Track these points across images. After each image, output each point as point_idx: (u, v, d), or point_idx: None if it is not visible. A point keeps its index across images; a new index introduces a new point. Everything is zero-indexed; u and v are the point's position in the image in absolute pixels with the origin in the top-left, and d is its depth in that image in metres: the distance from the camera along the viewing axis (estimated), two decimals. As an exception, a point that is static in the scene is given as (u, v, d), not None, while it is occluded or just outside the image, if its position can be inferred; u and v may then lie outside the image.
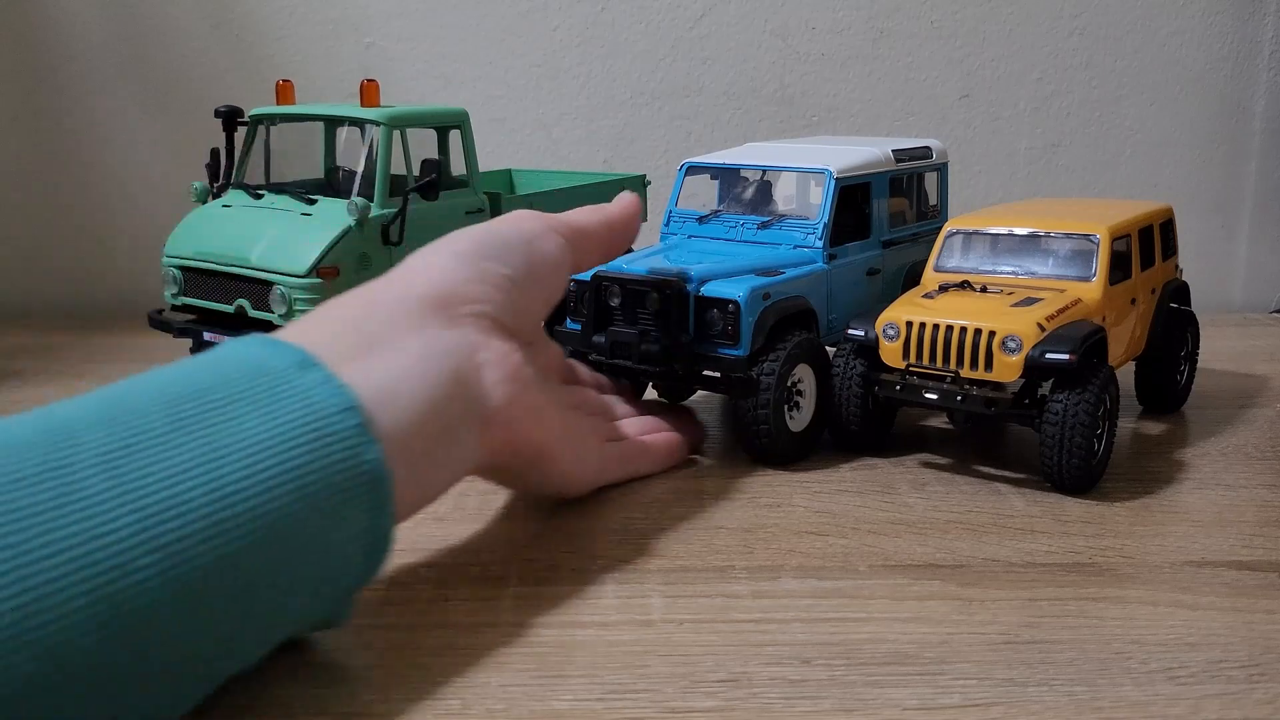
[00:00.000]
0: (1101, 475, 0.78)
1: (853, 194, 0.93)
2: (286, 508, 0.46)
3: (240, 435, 0.46)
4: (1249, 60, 1.43)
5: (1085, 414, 0.74)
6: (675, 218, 0.97)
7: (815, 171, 0.92)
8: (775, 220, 0.92)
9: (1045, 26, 1.42)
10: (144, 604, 0.40)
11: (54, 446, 0.42)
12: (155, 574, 0.41)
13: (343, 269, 0.88)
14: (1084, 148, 1.45)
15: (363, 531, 0.50)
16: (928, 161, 1.04)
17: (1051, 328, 0.76)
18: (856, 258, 0.93)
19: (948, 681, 0.53)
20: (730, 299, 0.80)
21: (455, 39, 1.41)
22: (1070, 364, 0.73)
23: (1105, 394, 0.76)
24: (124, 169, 1.43)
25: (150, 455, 0.43)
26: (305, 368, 0.50)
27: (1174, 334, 0.95)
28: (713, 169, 0.98)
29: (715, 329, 0.81)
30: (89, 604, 0.39)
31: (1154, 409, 0.97)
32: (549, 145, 1.44)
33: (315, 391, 0.49)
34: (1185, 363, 0.98)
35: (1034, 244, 0.85)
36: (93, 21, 1.39)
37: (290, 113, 0.99)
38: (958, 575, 0.64)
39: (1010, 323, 0.76)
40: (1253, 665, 0.54)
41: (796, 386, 0.83)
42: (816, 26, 1.41)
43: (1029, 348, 0.74)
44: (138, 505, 0.41)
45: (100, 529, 0.40)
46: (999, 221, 0.87)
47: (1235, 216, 1.48)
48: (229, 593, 0.44)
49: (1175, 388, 0.97)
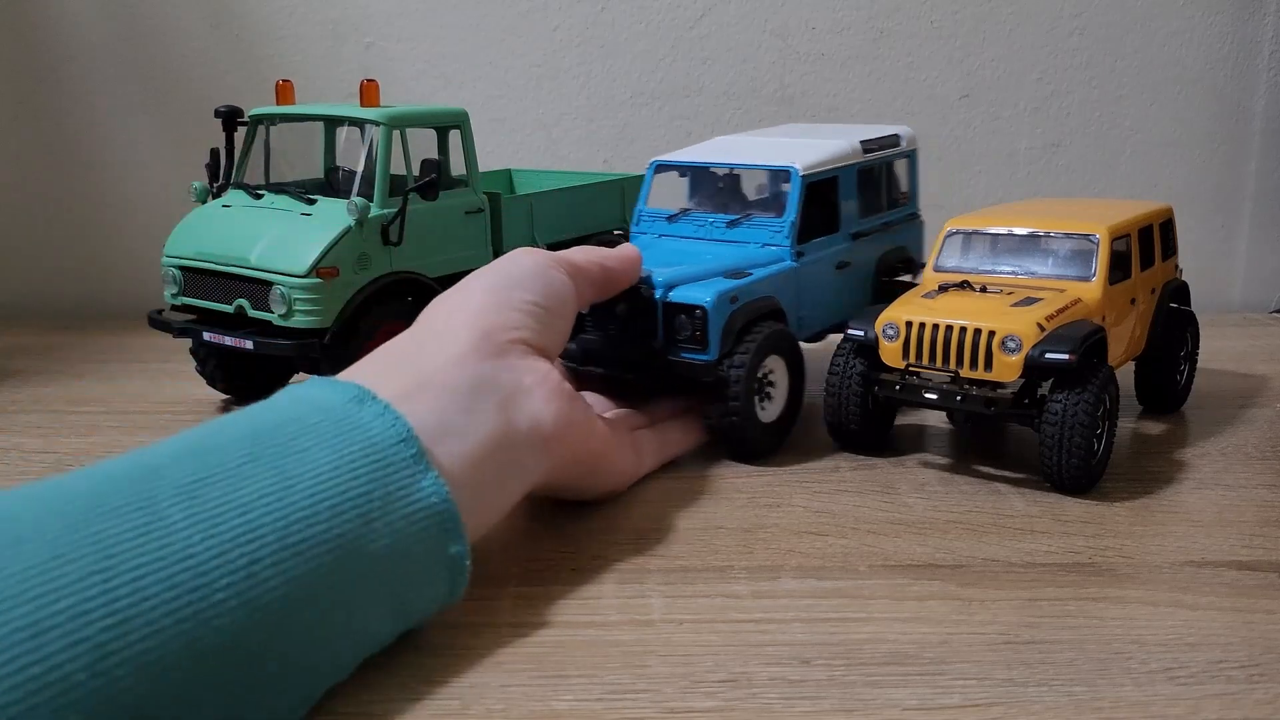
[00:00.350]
0: (1101, 475, 0.78)
1: (820, 189, 0.93)
2: (351, 533, 0.49)
3: (307, 466, 0.50)
4: (1249, 60, 1.42)
5: (1085, 414, 0.74)
6: (645, 217, 0.97)
7: (781, 169, 0.92)
8: (743, 218, 0.93)
9: (1045, 26, 1.42)
10: (226, 624, 0.43)
11: (140, 480, 0.46)
12: (233, 595, 0.44)
13: (342, 269, 0.88)
14: (1084, 148, 1.45)
15: (436, 555, 0.53)
16: (897, 149, 1.03)
17: (1051, 327, 0.76)
18: (825, 253, 0.94)
19: (948, 681, 0.53)
20: (697, 304, 0.80)
21: (455, 39, 1.41)
22: (1070, 364, 0.73)
23: (1105, 394, 0.76)
24: (124, 169, 1.43)
25: (225, 486, 0.47)
26: (362, 402, 0.54)
27: (1174, 334, 0.95)
28: (681, 166, 0.99)
29: (683, 334, 0.81)
30: (175, 622, 0.42)
31: (1154, 409, 0.97)
32: (549, 145, 1.44)
33: (373, 424, 0.53)
34: (1185, 363, 0.98)
35: (1034, 244, 0.85)
36: (92, 21, 1.39)
37: (290, 113, 0.99)
38: (958, 575, 0.64)
39: (1010, 322, 0.76)
40: (1253, 665, 0.54)
41: (768, 378, 0.84)
42: (816, 26, 1.41)
43: (1029, 347, 0.74)
44: (214, 531, 0.45)
45: (181, 554, 0.43)
46: (999, 221, 0.87)
47: (1235, 216, 1.47)
48: (304, 612, 0.46)
49: (1175, 388, 0.97)
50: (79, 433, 0.93)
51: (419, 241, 0.94)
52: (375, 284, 0.90)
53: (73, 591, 0.40)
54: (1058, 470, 0.75)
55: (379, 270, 0.91)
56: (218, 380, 1.00)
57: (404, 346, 0.64)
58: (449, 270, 0.97)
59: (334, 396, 0.54)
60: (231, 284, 0.91)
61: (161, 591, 0.42)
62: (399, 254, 0.92)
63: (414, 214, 0.93)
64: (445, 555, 0.53)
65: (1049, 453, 0.75)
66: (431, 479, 0.53)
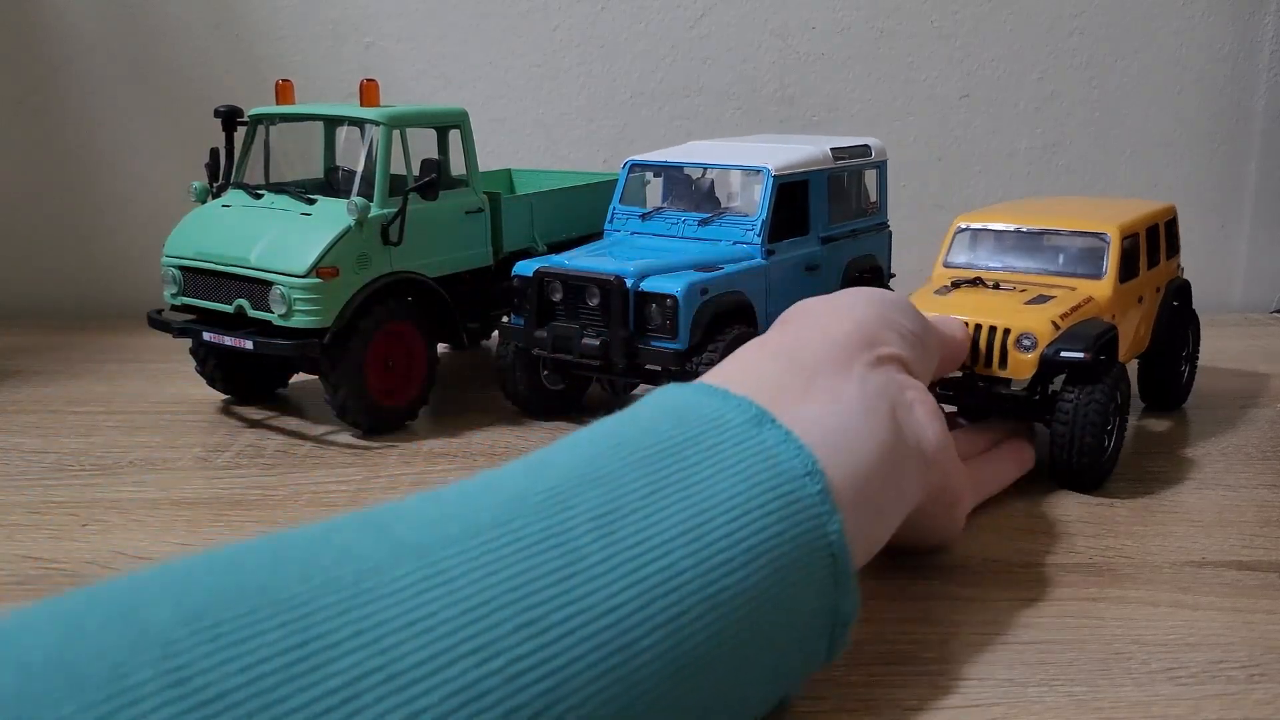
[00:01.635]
0: (1111, 472, 0.79)
1: (791, 191, 0.96)
2: (763, 580, 0.43)
3: (717, 498, 0.44)
4: (1249, 60, 1.42)
5: (1097, 411, 0.74)
6: (619, 214, 1.00)
7: (754, 169, 0.94)
8: (715, 217, 0.95)
9: (1045, 26, 1.42)
10: (647, 687, 0.38)
11: (548, 509, 0.40)
12: (656, 656, 0.38)
13: (342, 269, 0.88)
14: (1084, 148, 1.45)
15: (825, 610, 0.46)
16: (867, 159, 1.06)
17: (1065, 326, 0.77)
18: (795, 254, 0.96)
19: (948, 682, 0.53)
20: (669, 294, 0.83)
21: (455, 39, 1.41)
22: (1086, 362, 0.74)
23: (1117, 391, 0.77)
24: (124, 169, 1.42)
25: (639, 520, 0.41)
26: (761, 423, 0.48)
27: (1177, 332, 0.95)
28: (654, 166, 1.01)
29: (654, 323, 0.84)
30: (602, 688, 0.37)
31: (1157, 406, 0.98)
32: (549, 145, 1.44)
33: (779, 452, 0.47)
34: (1187, 362, 0.98)
35: (1044, 242, 0.86)
36: (92, 21, 1.39)
37: (290, 113, 0.99)
38: (958, 575, 0.64)
39: (1025, 320, 0.76)
40: (1253, 665, 0.54)
41: None
42: (816, 26, 1.41)
43: (1044, 345, 0.75)
44: (636, 577, 0.39)
45: (605, 605, 0.38)
46: (1008, 218, 0.88)
47: (1235, 216, 1.47)
48: (716, 672, 0.41)
49: (1178, 385, 0.97)
50: (78, 433, 0.93)
51: (419, 241, 0.94)
52: (375, 284, 0.90)
53: (506, 649, 0.35)
54: (1068, 467, 0.76)
55: (379, 270, 0.91)
56: (217, 380, 1.00)
57: (782, 349, 0.57)
58: (449, 270, 0.97)
59: (730, 413, 0.48)
60: (231, 284, 0.91)
61: (589, 652, 0.36)
62: (399, 254, 0.92)
63: (414, 214, 0.93)
64: (835, 610, 0.47)
65: (1060, 449, 0.75)
66: (837, 523, 0.46)
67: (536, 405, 0.96)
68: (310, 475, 0.83)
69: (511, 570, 0.37)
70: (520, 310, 0.90)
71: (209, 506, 0.76)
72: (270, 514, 0.75)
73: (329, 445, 0.90)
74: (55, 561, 0.67)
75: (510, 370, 0.94)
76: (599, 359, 0.85)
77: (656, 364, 0.85)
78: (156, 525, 0.73)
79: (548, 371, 0.93)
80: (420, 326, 0.95)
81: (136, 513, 0.75)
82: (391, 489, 0.80)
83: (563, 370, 0.93)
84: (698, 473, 0.44)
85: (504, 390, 0.96)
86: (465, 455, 0.87)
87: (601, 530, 0.40)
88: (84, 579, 0.65)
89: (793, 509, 0.45)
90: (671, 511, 0.42)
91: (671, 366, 0.84)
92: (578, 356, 0.86)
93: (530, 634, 0.36)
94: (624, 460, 0.44)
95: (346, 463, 0.86)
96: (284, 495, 0.79)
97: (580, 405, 0.99)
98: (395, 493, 0.79)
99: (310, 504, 0.77)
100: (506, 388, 0.95)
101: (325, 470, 0.84)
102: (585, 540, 0.39)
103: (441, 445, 0.90)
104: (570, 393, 0.97)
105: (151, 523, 0.73)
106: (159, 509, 0.76)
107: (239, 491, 0.79)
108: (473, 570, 0.37)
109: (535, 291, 0.88)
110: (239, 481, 0.81)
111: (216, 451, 0.88)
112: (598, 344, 0.84)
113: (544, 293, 0.88)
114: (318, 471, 0.83)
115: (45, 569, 0.66)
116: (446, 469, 0.84)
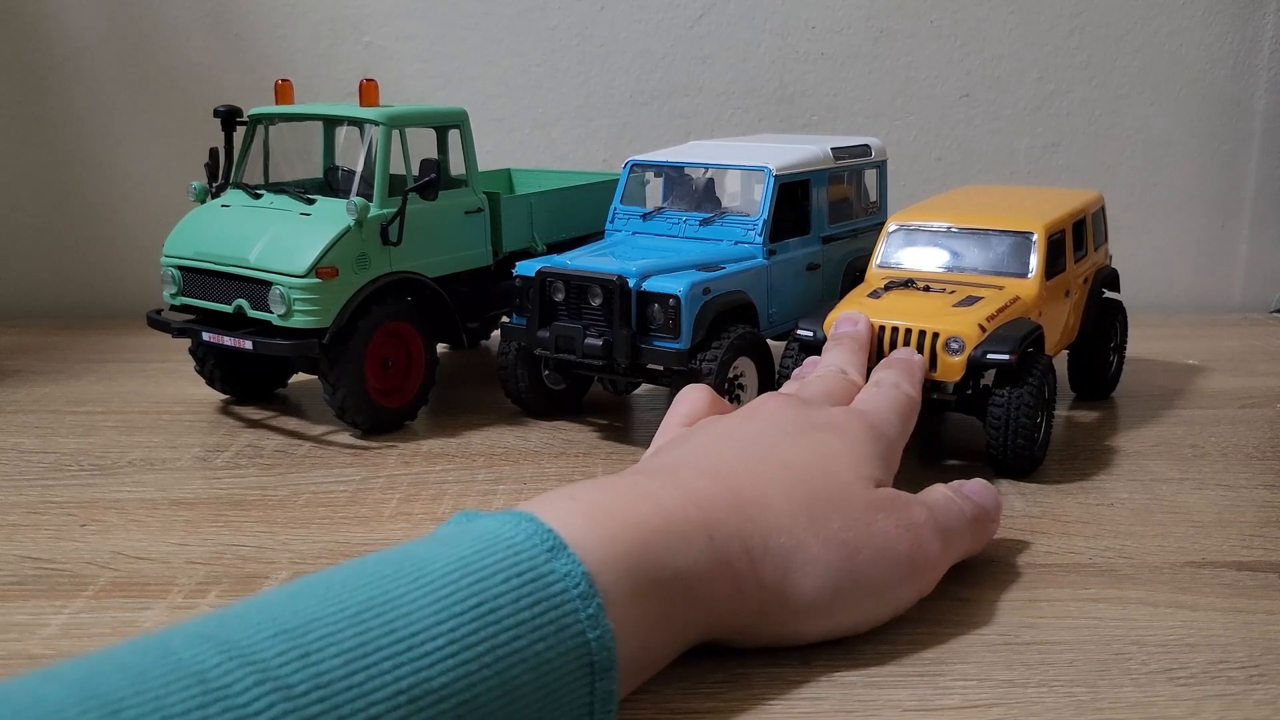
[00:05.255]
0: (1043, 459, 0.82)
1: (792, 191, 0.96)
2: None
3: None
4: (1249, 60, 1.42)
5: (1027, 406, 0.77)
6: (620, 214, 1.00)
7: (755, 169, 0.94)
8: (716, 217, 0.95)
9: (1045, 26, 1.42)
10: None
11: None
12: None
13: (342, 269, 0.88)
14: (1084, 148, 1.45)
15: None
16: (867, 159, 1.07)
17: (992, 328, 0.78)
18: (796, 253, 0.96)
19: (948, 682, 0.53)
20: (671, 293, 0.83)
21: (455, 39, 1.41)
22: (1011, 364, 0.76)
23: (1044, 387, 0.79)
24: (123, 169, 1.42)
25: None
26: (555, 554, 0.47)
27: (1104, 322, 0.98)
28: (656, 166, 1.01)
29: (656, 323, 0.84)
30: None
31: (1087, 396, 1.01)
32: (548, 145, 1.44)
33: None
34: (1115, 352, 1.01)
35: (972, 240, 0.87)
36: (91, 21, 1.39)
37: (289, 112, 0.99)
38: (958, 575, 0.64)
39: (952, 324, 0.78)
40: (1253, 666, 0.54)
41: (739, 380, 0.86)
42: (816, 26, 1.41)
43: (971, 348, 0.77)
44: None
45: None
46: (938, 216, 0.89)
47: (1235, 216, 1.47)
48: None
49: (1106, 375, 1.01)
50: (77, 433, 0.93)
51: (418, 241, 0.94)
52: (374, 284, 0.90)
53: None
54: (1003, 457, 0.79)
55: (378, 270, 0.91)
56: (216, 380, 1.00)
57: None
58: (448, 270, 0.97)
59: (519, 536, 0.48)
60: (231, 284, 0.91)
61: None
62: (398, 254, 0.92)
63: (413, 214, 0.92)
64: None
65: (995, 446, 0.78)
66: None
67: (537, 405, 0.96)
68: (309, 475, 0.83)
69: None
70: (522, 310, 0.90)
71: (208, 506, 0.76)
72: (269, 514, 0.75)
73: (328, 445, 0.90)
74: (54, 561, 0.67)
75: (511, 370, 0.94)
76: (602, 359, 0.85)
77: (659, 363, 0.85)
78: (155, 525, 0.73)
79: (549, 371, 0.94)
80: (419, 326, 0.95)
81: (135, 513, 0.75)
82: (390, 489, 0.80)
83: (565, 370, 0.93)
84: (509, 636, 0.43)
85: (505, 390, 0.96)
86: (464, 455, 0.87)
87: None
88: (83, 579, 0.65)
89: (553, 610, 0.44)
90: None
91: (674, 366, 0.84)
92: (581, 356, 0.86)
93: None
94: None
95: (346, 463, 0.86)
96: (283, 495, 0.78)
97: (580, 405, 0.99)
98: (395, 492, 0.79)
99: (309, 504, 0.77)
100: (507, 387, 0.95)
101: (324, 470, 0.84)
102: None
103: (441, 445, 0.90)
104: (571, 393, 0.97)
105: (150, 523, 0.73)
106: (158, 509, 0.76)
107: (238, 491, 0.79)
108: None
109: (537, 291, 0.88)
110: (238, 481, 0.81)
111: (216, 451, 0.88)
112: (601, 344, 0.84)
113: (546, 293, 0.88)
114: (317, 471, 0.83)
115: (44, 569, 0.66)
116: (446, 469, 0.84)
